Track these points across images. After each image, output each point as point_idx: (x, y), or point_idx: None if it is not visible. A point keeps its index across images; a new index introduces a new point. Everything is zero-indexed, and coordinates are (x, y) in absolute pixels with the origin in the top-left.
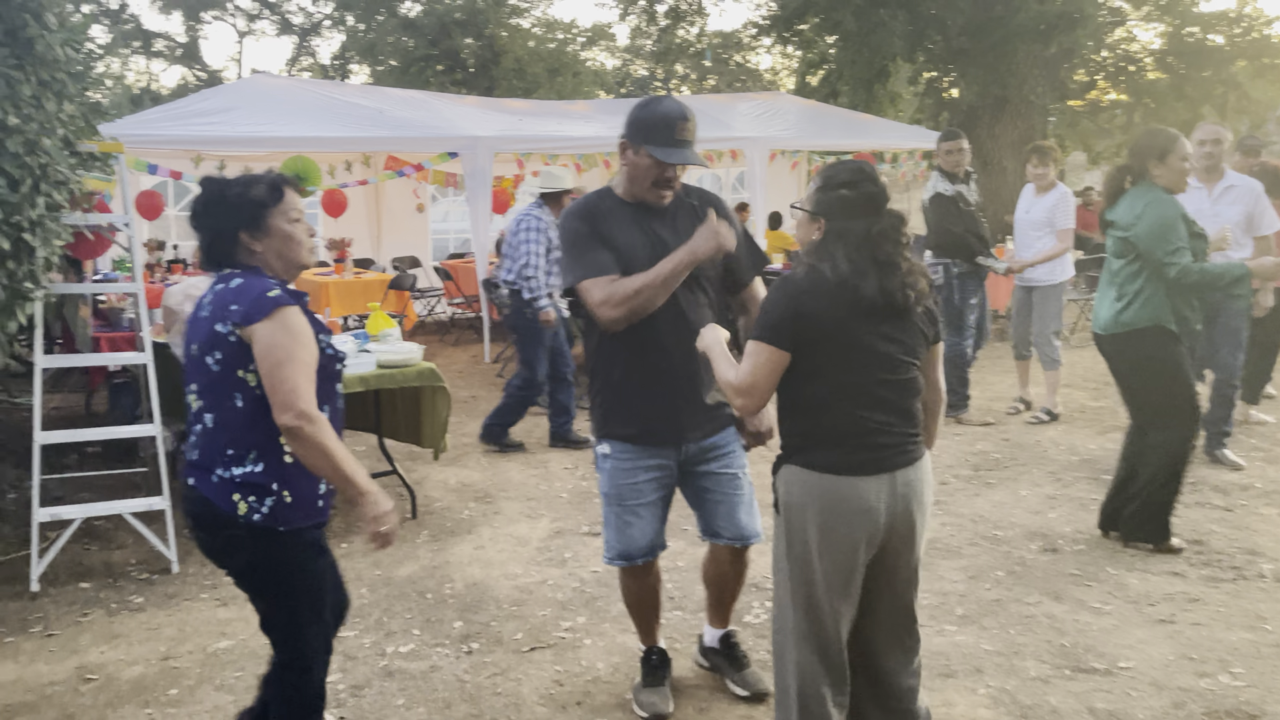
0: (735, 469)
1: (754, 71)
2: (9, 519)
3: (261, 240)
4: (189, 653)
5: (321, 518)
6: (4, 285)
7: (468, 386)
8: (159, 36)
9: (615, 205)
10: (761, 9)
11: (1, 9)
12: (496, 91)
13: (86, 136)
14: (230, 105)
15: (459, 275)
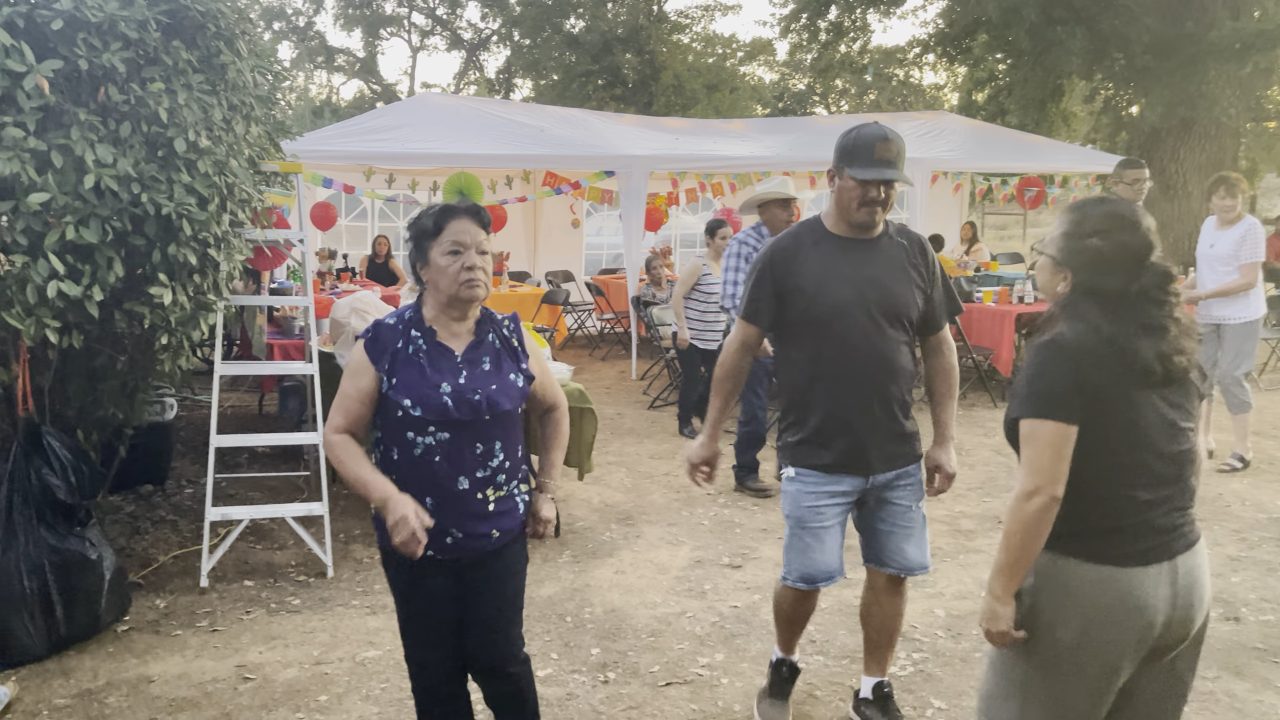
0: (910, 501)
1: (916, 87)
2: (185, 514)
3: (426, 270)
4: (339, 659)
5: None
6: (190, 297)
7: (614, 404)
8: (340, 52)
9: (821, 237)
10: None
11: (197, 36)
12: (655, 106)
13: (270, 156)
14: (401, 123)
15: (610, 291)
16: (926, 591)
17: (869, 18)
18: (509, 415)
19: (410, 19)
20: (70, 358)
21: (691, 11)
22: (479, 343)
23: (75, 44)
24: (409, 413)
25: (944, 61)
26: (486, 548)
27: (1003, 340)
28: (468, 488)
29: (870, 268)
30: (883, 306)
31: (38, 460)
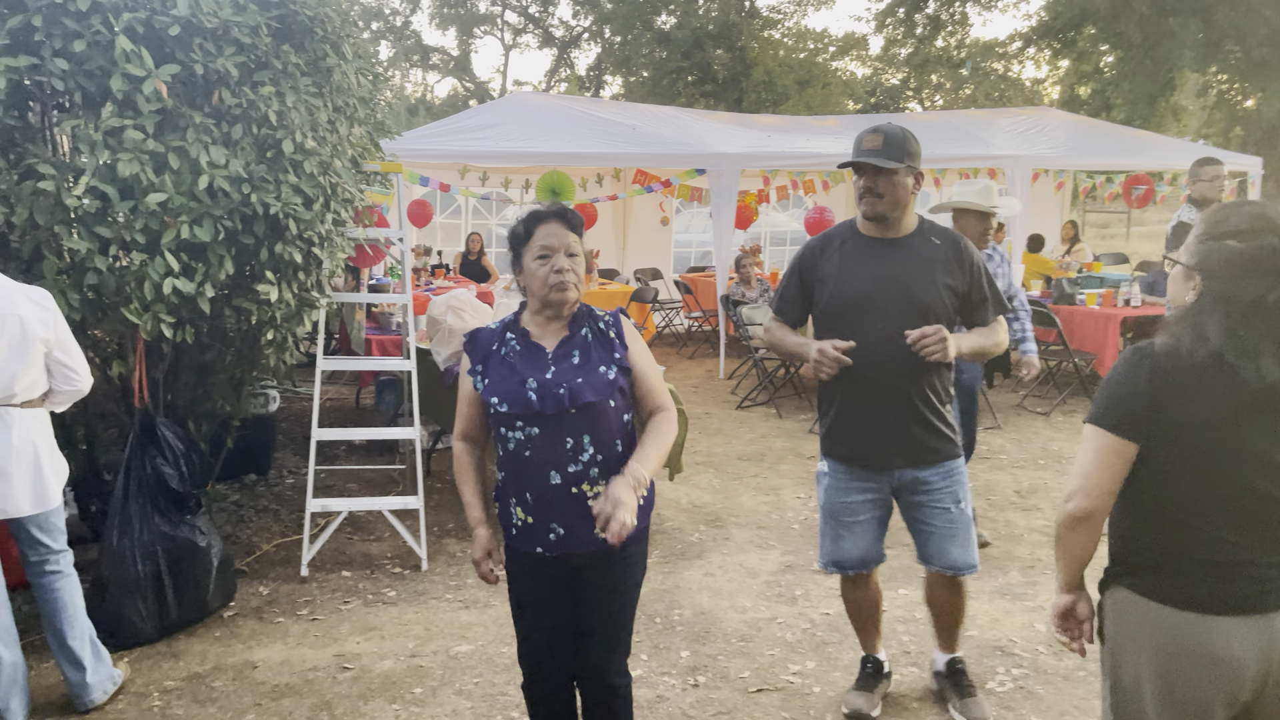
0: (948, 503)
1: (1016, 82)
2: (286, 503)
3: (521, 275)
4: (433, 653)
5: (518, 546)
6: (295, 294)
7: (702, 403)
8: (435, 51)
9: (850, 236)
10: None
11: (305, 41)
12: (745, 102)
13: (371, 157)
14: (495, 121)
15: (698, 289)
16: (1026, 605)
17: (968, 10)
18: (596, 408)
19: (503, 17)
20: (182, 352)
21: (784, 7)
22: (570, 338)
23: (191, 49)
24: (497, 409)
25: (1047, 55)
26: (592, 547)
27: (1106, 345)
28: (560, 482)
29: (894, 265)
30: (904, 303)
31: (152, 450)
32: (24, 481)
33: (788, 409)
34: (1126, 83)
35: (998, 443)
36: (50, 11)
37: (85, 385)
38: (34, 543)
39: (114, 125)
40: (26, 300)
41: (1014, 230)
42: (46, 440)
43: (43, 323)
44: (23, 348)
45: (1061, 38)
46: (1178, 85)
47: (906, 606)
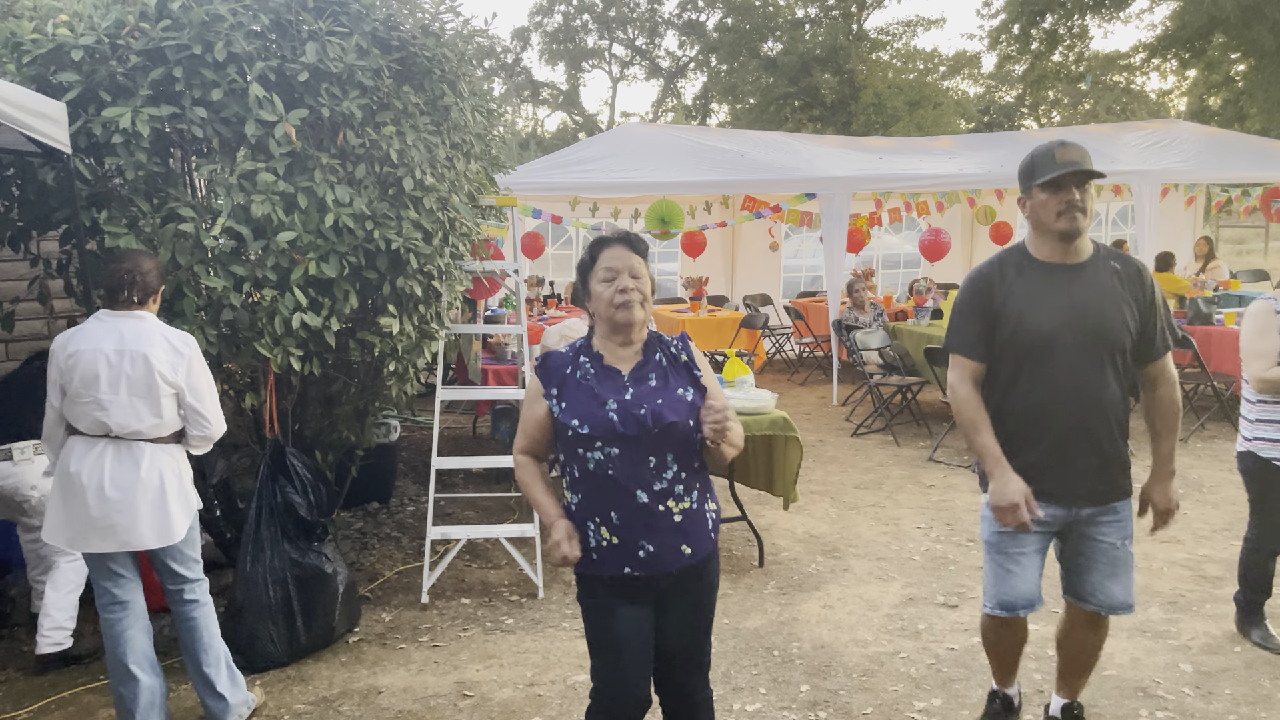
0: (1115, 539)
1: (1139, 94)
2: (408, 531)
3: (590, 302)
4: (551, 682)
5: (599, 570)
6: (415, 326)
7: (815, 430)
8: (545, 86)
9: (1025, 263)
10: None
11: (424, 81)
12: (854, 126)
13: (487, 191)
14: (604, 153)
15: (809, 314)
16: (1170, 644)
17: (1088, 23)
18: (678, 428)
19: (611, 50)
20: (309, 384)
21: (893, 28)
22: (645, 362)
23: (319, 94)
24: (578, 432)
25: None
26: (680, 563)
27: None
28: (647, 501)
29: (1079, 294)
30: (1091, 335)
31: (282, 479)
32: (149, 515)
33: (905, 436)
34: (1261, 91)
35: (1133, 471)
36: (189, 63)
37: (216, 432)
38: (169, 572)
39: (248, 168)
40: (164, 342)
41: (1141, 249)
42: (176, 476)
43: (173, 367)
44: (146, 386)
45: (1189, 46)
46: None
47: (1038, 643)
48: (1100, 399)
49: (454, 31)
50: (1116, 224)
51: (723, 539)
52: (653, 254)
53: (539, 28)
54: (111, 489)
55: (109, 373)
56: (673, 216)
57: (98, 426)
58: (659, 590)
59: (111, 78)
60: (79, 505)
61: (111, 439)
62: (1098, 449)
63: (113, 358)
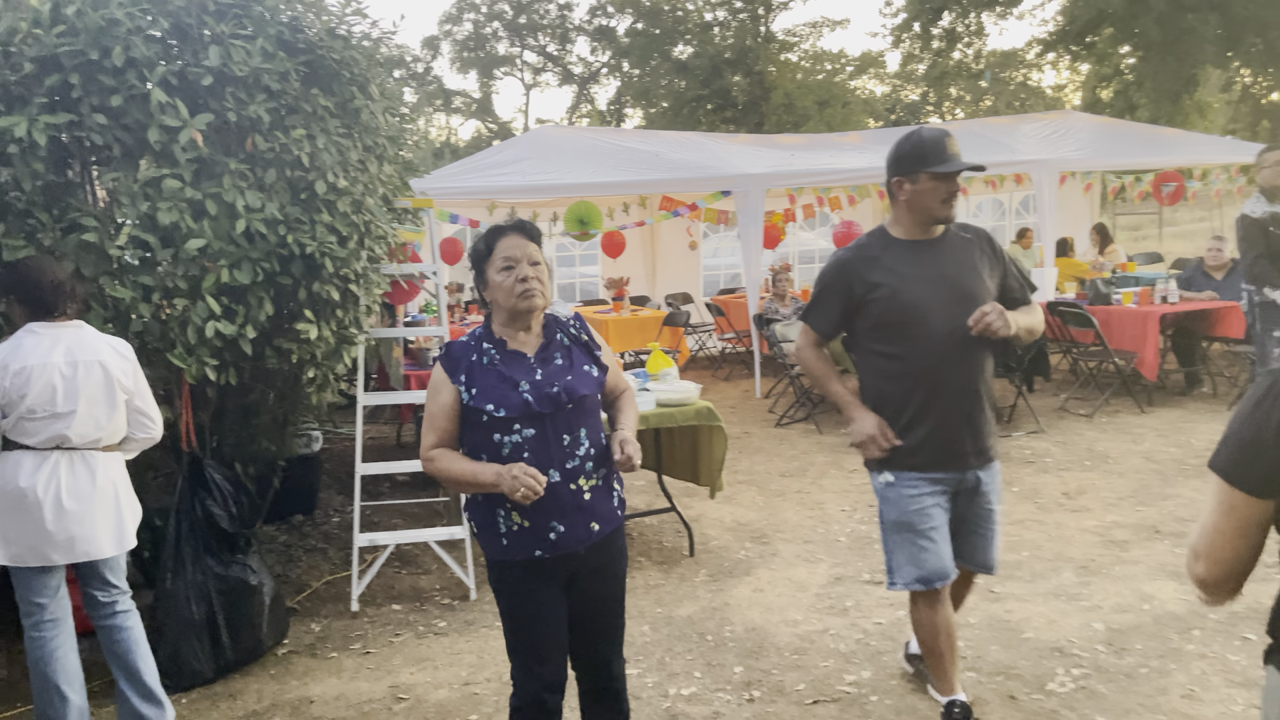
0: (994, 505)
1: (1036, 90)
2: (334, 541)
3: (488, 291)
4: (487, 680)
5: (510, 555)
6: (334, 331)
7: (740, 423)
8: (457, 94)
9: (888, 243)
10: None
11: (333, 84)
12: (766, 126)
13: (402, 193)
14: (520, 156)
15: (730, 310)
16: (1083, 606)
17: (984, 20)
18: (589, 401)
19: (522, 58)
20: (226, 395)
21: (799, 29)
22: (548, 343)
23: (224, 98)
24: (493, 416)
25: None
26: (590, 540)
27: (1146, 343)
28: (559, 479)
29: (943, 265)
30: (960, 301)
31: (201, 492)
32: (106, 524)
33: (827, 424)
34: (1148, 82)
35: (1042, 446)
36: (87, 69)
37: (158, 433)
38: (105, 584)
39: (152, 176)
40: (110, 349)
41: (1043, 234)
42: (125, 483)
43: (124, 371)
44: (108, 393)
45: (1080, 41)
46: (1200, 82)
47: (960, 612)
48: (974, 357)
49: (362, 34)
50: (1020, 212)
51: (653, 530)
52: (572, 256)
53: (449, 36)
54: (70, 500)
55: (65, 385)
56: (591, 217)
57: (53, 440)
58: (570, 570)
59: (5, 87)
60: (32, 521)
61: (64, 450)
62: (980, 410)
63: (65, 369)
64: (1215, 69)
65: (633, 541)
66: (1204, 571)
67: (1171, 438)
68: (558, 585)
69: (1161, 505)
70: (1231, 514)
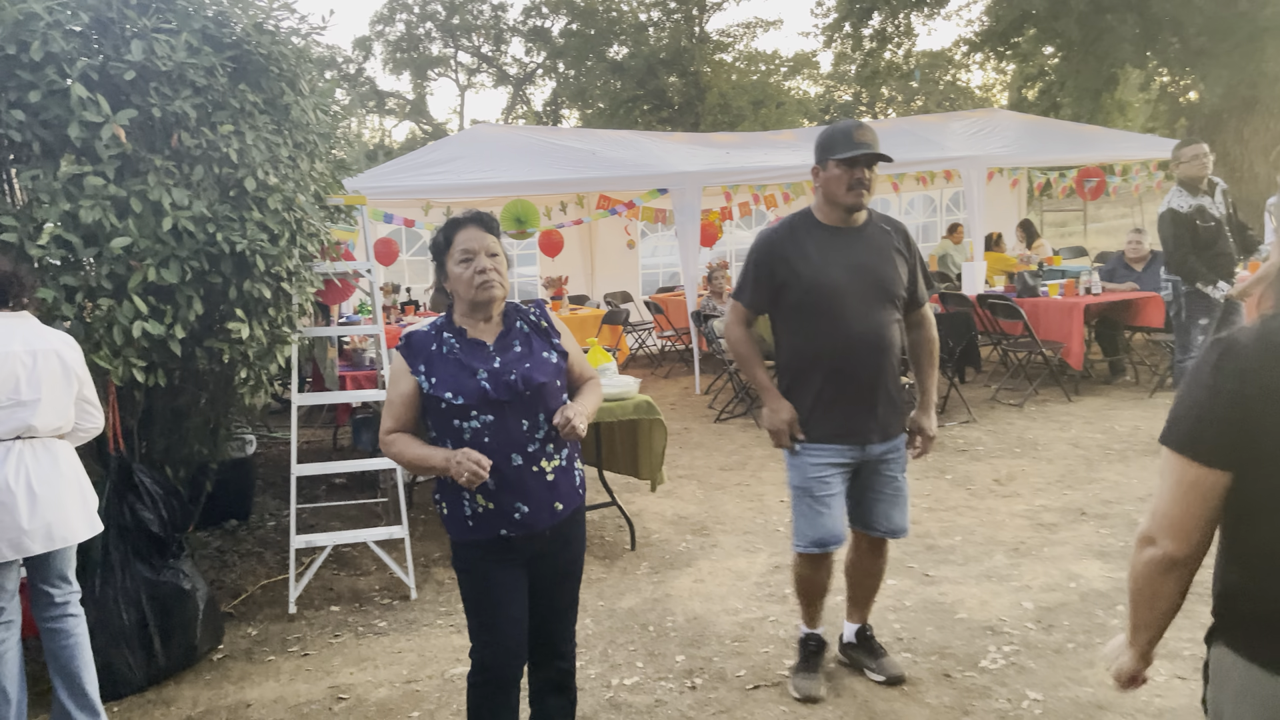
0: (898, 472)
1: (964, 89)
2: (270, 545)
3: (448, 283)
4: (429, 677)
5: (477, 535)
6: (266, 330)
7: (680, 419)
8: (390, 95)
9: (813, 226)
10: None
11: (261, 79)
12: (702, 126)
13: (334, 191)
14: (455, 155)
15: (669, 309)
16: (1013, 586)
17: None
18: (548, 388)
19: (456, 58)
20: (155, 397)
21: (733, 30)
22: (508, 331)
23: (148, 93)
24: (451, 403)
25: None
26: (554, 520)
27: (1072, 333)
28: (522, 463)
29: (861, 252)
30: (873, 287)
31: (130, 497)
32: (75, 506)
33: None
34: (1070, 81)
35: (974, 435)
36: (4, 63)
37: (101, 422)
38: (62, 580)
39: (74, 173)
40: (59, 338)
41: (972, 230)
42: (81, 468)
43: (78, 361)
44: (65, 381)
45: (1004, 40)
46: (1120, 80)
47: (896, 595)
48: (886, 343)
49: (289, 30)
50: (950, 208)
51: (595, 525)
52: (510, 256)
53: (381, 37)
54: (41, 487)
55: (27, 373)
56: (528, 216)
57: (17, 429)
58: (534, 549)
59: None
60: (8, 513)
61: (26, 439)
62: (886, 389)
63: (25, 358)
64: (1134, 68)
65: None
66: (1173, 549)
67: (1097, 424)
68: (521, 564)
69: (1087, 489)
70: (1194, 489)
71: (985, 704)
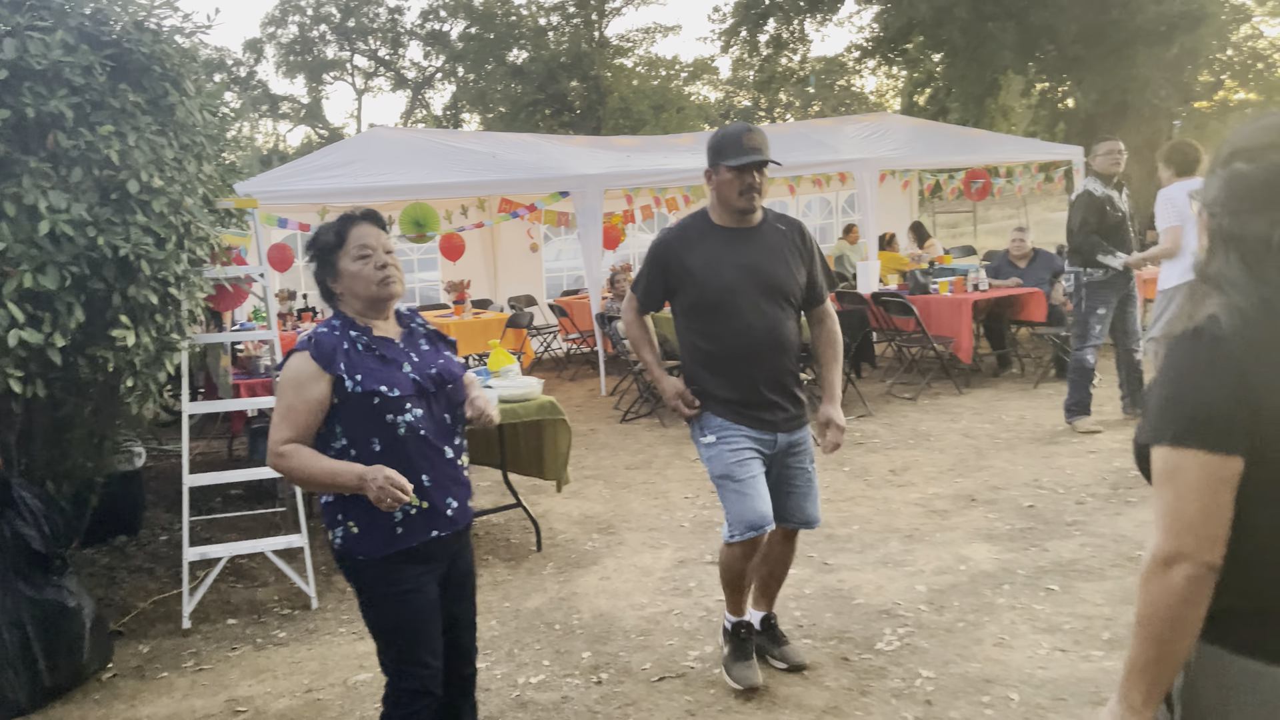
0: (807, 464)
1: (859, 95)
2: (162, 560)
3: (339, 282)
4: (331, 685)
5: (407, 543)
6: (153, 337)
7: (586, 420)
8: (284, 99)
9: (708, 228)
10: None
11: (143, 79)
12: (603, 130)
13: (224, 194)
14: (351, 159)
15: (573, 311)
16: (907, 571)
17: (806, 28)
18: (460, 384)
19: (352, 62)
20: (35, 408)
21: (633, 35)
22: (408, 331)
23: (21, 93)
24: (386, 396)
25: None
26: (468, 517)
27: (961, 328)
28: (452, 455)
29: (754, 253)
30: (767, 287)
31: (9, 513)
32: None
33: (671, 417)
34: (956, 86)
35: (871, 428)
36: None
37: None
38: None
39: None
40: None
41: (866, 231)
42: None
43: None
44: None
45: (893, 47)
46: (1003, 86)
47: (796, 584)
48: (782, 340)
49: (172, 28)
50: (846, 210)
51: (500, 528)
52: (411, 261)
53: (273, 39)
54: None
55: None
56: (427, 219)
57: None
58: (451, 552)
59: None
60: None
61: None
62: (785, 383)
63: None
64: (1016, 74)
65: (479, 540)
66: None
67: (985, 415)
68: (437, 572)
69: (977, 476)
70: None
71: (881, 684)
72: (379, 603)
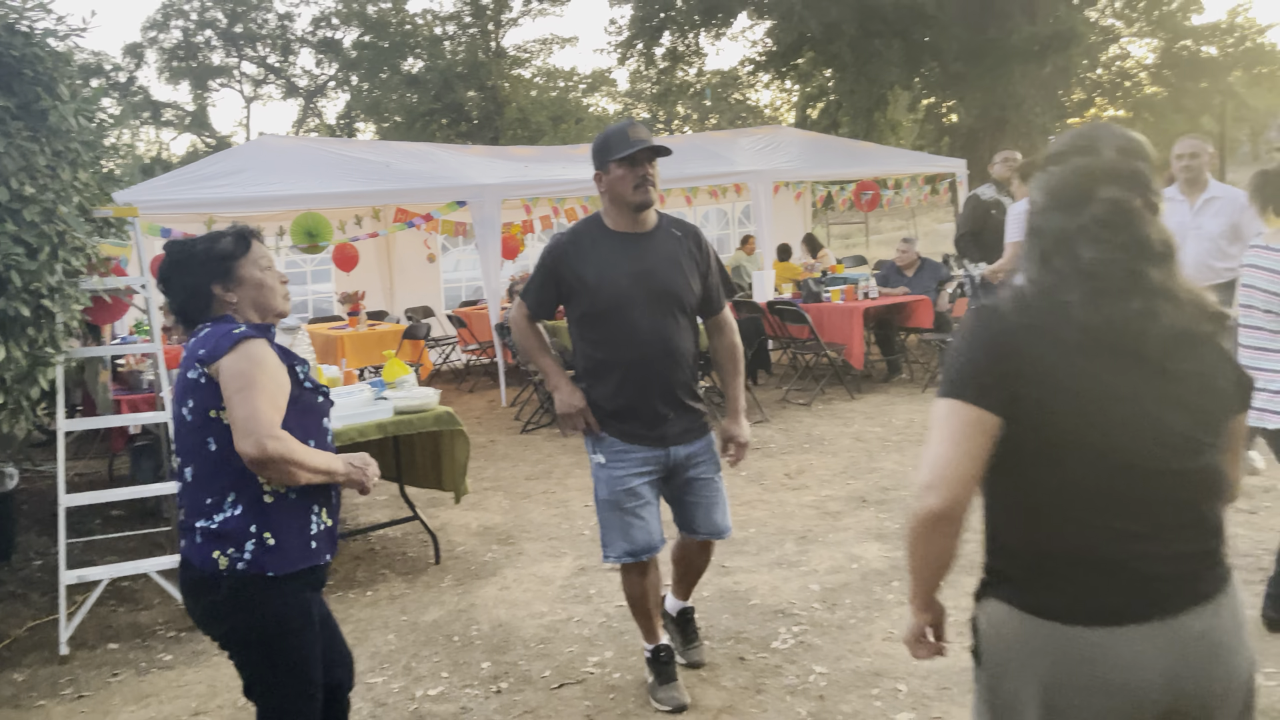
0: (712, 474)
1: (754, 108)
2: (37, 586)
3: (235, 290)
4: (219, 708)
5: (317, 560)
6: (25, 352)
7: (486, 431)
8: (167, 106)
9: (602, 234)
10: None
11: (15, 84)
12: (501, 141)
13: (101, 203)
14: (240, 167)
15: (472, 322)
16: (801, 571)
17: (701, 41)
18: None
19: (240, 69)
20: None
21: (530, 46)
22: None
23: None
24: (327, 399)
25: (776, 79)
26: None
27: (853, 335)
28: None
29: (647, 259)
30: (660, 295)
31: None
32: None
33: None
34: (846, 101)
35: (766, 434)
36: None
37: None
38: None
39: None
40: None
41: (762, 242)
42: None
43: None
44: None
45: (785, 61)
46: (891, 101)
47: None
48: (674, 349)
49: (45, 31)
50: (742, 221)
51: (397, 542)
52: (303, 273)
53: (155, 44)
54: None
55: None
56: (320, 229)
57: None
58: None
59: None
60: None
61: None
62: (677, 394)
63: None
64: (903, 90)
65: (375, 555)
66: (936, 501)
67: (877, 419)
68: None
69: (868, 478)
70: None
71: (777, 681)
72: (282, 638)
